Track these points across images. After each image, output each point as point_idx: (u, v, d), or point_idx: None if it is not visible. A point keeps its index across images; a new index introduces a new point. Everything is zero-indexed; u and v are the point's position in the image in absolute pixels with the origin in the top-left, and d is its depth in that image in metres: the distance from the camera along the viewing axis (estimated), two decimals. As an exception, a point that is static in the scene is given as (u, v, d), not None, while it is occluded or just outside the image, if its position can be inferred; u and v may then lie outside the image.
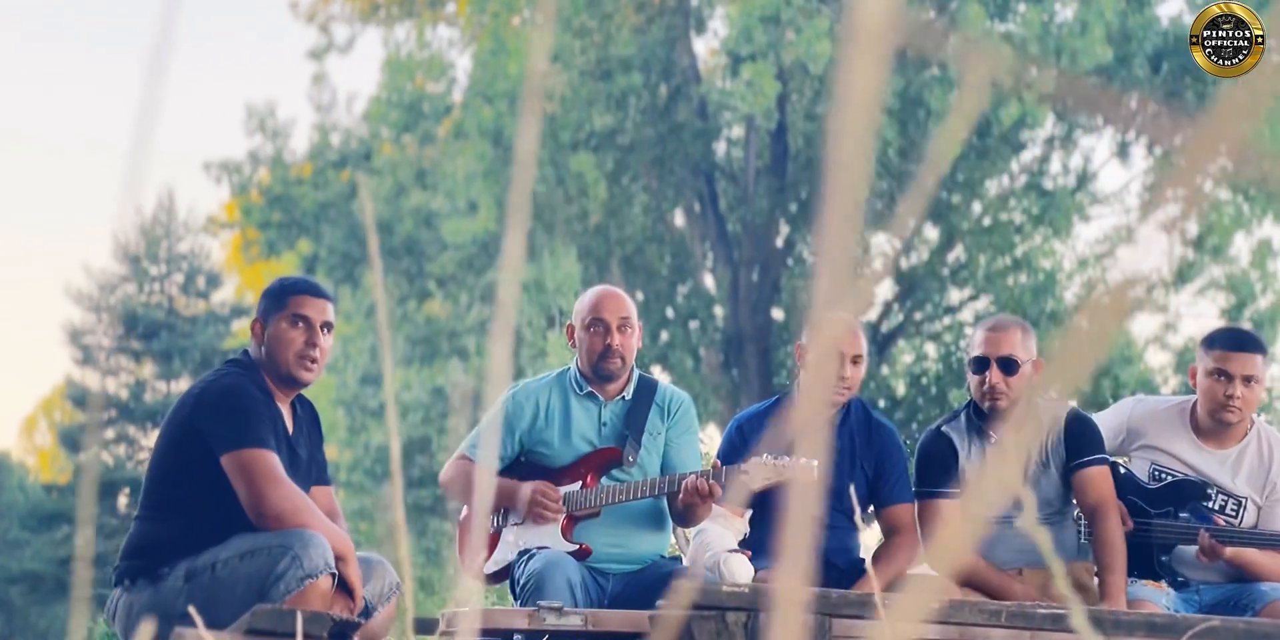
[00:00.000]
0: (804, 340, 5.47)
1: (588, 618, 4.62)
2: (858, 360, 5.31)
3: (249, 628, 3.68)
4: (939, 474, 5.35)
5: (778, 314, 24.92)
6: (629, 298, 5.42)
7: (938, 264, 24.79)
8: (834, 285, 0.70)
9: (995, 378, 5.24)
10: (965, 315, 25.09)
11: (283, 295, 4.66)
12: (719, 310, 25.34)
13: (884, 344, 24.80)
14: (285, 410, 4.65)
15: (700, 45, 25.63)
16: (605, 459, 5.32)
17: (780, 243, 25.08)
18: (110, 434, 34.25)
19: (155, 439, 4.67)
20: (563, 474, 5.33)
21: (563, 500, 5.27)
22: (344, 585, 4.37)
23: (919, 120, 22.83)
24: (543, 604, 4.63)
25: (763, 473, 4.92)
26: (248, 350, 4.71)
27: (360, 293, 25.13)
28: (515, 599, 5.20)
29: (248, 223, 27.17)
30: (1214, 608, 5.29)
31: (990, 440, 5.37)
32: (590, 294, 5.44)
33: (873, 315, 24.72)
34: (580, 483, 5.30)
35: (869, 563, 5.32)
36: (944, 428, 5.43)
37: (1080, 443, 5.32)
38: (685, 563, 5.36)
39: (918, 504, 5.36)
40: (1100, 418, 5.57)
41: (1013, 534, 5.28)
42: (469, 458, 5.43)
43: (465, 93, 25.12)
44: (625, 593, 5.19)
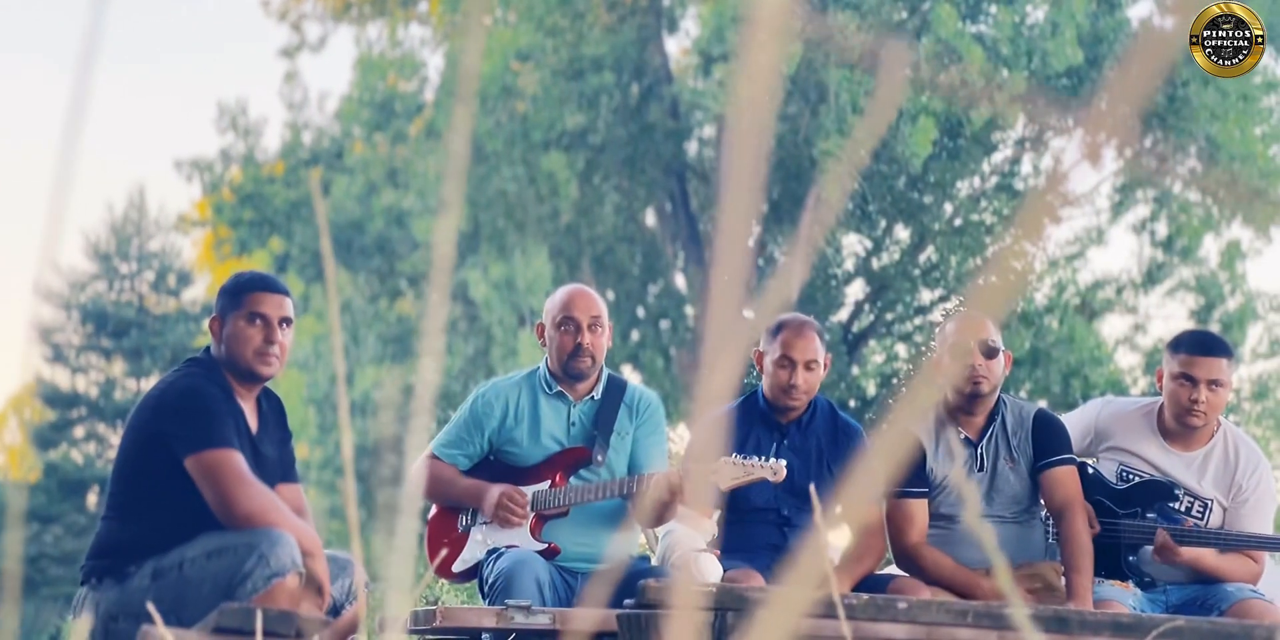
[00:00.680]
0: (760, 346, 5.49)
1: (556, 617, 4.62)
2: (811, 366, 5.33)
3: (216, 626, 3.67)
4: (905, 473, 5.36)
5: (749, 314, 24.87)
6: (600, 297, 5.43)
7: (909, 264, 24.83)
8: (723, 319, 0.71)
9: (978, 361, 5.26)
10: (936, 316, 25.13)
11: (238, 292, 4.65)
12: (690, 310, 25.34)
13: (855, 344, 24.83)
14: (249, 407, 4.63)
15: (672, 45, 25.59)
16: (574, 459, 5.32)
17: (752, 243, 25.08)
18: (80, 432, 34.15)
19: (120, 439, 4.65)
20: (531, 473, 5.33)
21: (531, 499, 5.27)
22: (313, 582, 4.36)
23: (892, 124, 22.86)
24: (511, 603, 4.62)
25: (731, 472, 4.93)
26: (209, 348, 4.70)
27: (332, 291, 25.03)
28: (484, 598, 5.19)
29: (219, 221, 27.07)
30: (1180, 608, 5.31)
31: (960, 434, 5.38)
32: (561, 293, 5.44)
33: (844, 315, 24.78)
34: (549, 482, 5.30)
35: (836, 562, 5.33)
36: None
37: (1048, 443, 5.33)
38: (654, 562, 5.37)
39: (885, 504, 5.37)
40: (1068, 419, 5.59)
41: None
42: (437, 457, 5.43)
43: (437, 92, 25.10)
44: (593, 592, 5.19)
